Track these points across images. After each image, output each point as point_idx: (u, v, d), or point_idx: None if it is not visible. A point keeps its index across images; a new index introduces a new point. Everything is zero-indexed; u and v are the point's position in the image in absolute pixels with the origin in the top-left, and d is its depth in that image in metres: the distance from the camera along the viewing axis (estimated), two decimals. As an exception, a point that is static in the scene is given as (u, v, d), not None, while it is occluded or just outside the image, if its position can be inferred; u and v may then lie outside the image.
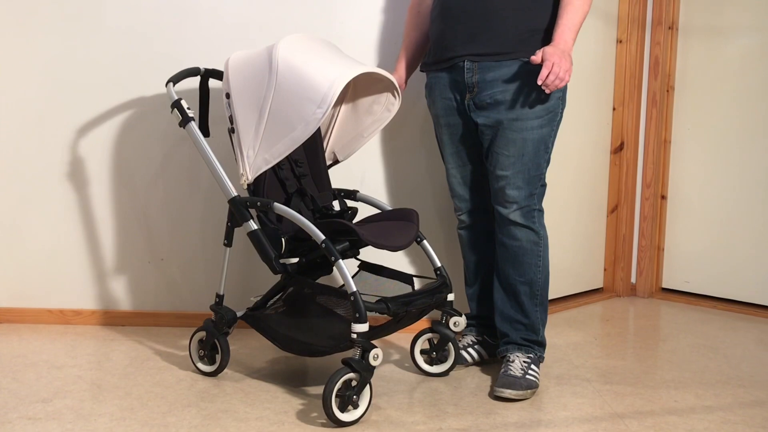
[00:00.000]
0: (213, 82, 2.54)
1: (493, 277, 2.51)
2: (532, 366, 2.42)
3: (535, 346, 2.47)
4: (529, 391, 2.35)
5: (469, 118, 2.42)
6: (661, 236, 3.59)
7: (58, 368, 2.53)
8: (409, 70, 2.64)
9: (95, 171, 2.92)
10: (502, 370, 2.41)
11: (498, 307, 2.49)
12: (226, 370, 2.50)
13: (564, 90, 2.38)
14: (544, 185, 2.43)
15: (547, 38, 2.33)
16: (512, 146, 2.35)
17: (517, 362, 2.42)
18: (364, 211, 2.56)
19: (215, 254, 2.94)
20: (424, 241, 2.49)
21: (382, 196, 2.94)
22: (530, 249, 2.42)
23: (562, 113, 2.40)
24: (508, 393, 2.33)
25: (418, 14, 2.60)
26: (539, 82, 2.20)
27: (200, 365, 2.50)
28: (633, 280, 3.64)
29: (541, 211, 2.43)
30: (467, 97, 2.40)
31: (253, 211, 2.33)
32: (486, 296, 2.60)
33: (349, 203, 2.59)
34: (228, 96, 2.31)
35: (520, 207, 2.39)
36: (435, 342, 2.54)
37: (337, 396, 2.09)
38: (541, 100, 2.33)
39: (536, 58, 2.20)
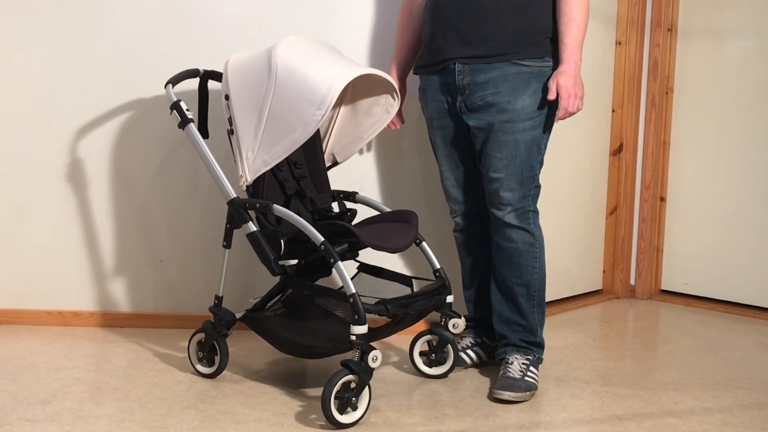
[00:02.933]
0: (212, 84, 2.54)
1: (490, 279, 2.51)
2: (531, 368, 2.42)
3: (534, 347, 2.47)
4: (528, 392, 2.35)
5: (461, 120, 2.42)
6: (660, 238, 3.59)
7: (56, 370, 2.53)
8: (404, 72, 2.64)
9: (94, 172, 2.92)
10: (501, 372, 2.41)
11: (495, 309, 2.49)
12: (225, 372, 2.50)
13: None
14: (538, 186, 2.43)
15: (539, 39, 2.33)
16: (504, 148, 2.35)
17: (515, 364, 2.42)
18: (364, 213, 2.56)
19: (214, 256, 2.94)
20: (423, 243, 2.49)
21: (381, 198, 2.94)
22: (526, 251, 2.42)
23: (554, 114, 2.41)
24: (507, 395, 2.33)
25: (410, 14, 2.59)
26: (556, 121, 2.31)
27: (199, 367, 2.50)
28: (632, 281, 3.64)
29: (535, 212, 2.43)
30: (459, 99, 2.40)
31: (252, 213, 2.33)
32: (483, 298, 2.59)
33: (349, 205, 2.59)
34: (227, 97, 2.31)
35: (514, 209, 2.39)
36: (434, 344, 2.54)
37: (336, 398, 2.09)
38: (533, 102, 2.33)
39: (552, 95, 2.28)
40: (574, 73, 2.28)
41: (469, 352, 2.60)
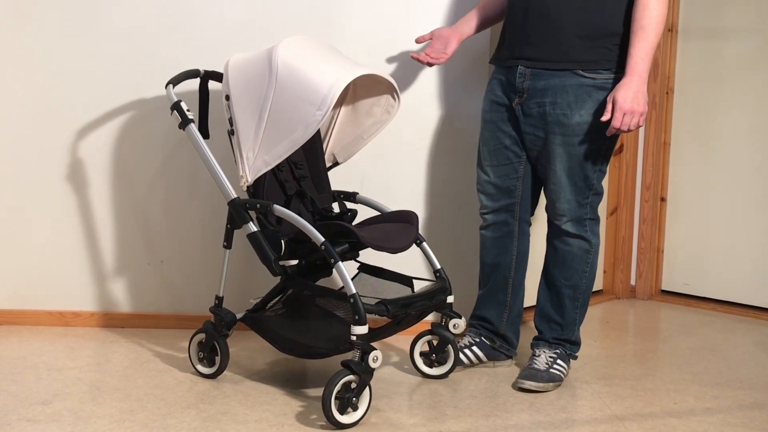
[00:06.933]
0: (213, 84, 2.53)
1: (526, 275, 2.57)
2: (559, 360, 2.45)
3: (567, 344, 2.50)
4: (551, 384, 2.38)
5: (515, 121, 2.42)
6: (660, 238, 3.59)
7: (57, 370, 2.53)
8: (479, 25, 2.57)
9: (95, 172, 2.92)
10: (527, 363, 2.46)
11: (539, 303, 2.52)
12: (225, 372, 2.50)
13: None
14: (597, 194, 2.42)
15: (606, 46, 2.27)
16: (558, 161, 2.35)
17: (542, 357, 2.45)
18: (364, 213, 2.56)
19: (215, 256, 2.93)
20: (424, 243, 2.49)
21: (381, 199, 2.93)
22: (580, 256, 2.44)
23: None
24: (528, 384, 2.37)
25: None
26: (608, 134, 2.23)
27: (200, 367, 2.50)
28: (633, 282, 3.64)
29: (593, 219, 2.43)
30: (516, 101, 2.38)
31: (252, 213, 2.33)
32: (492, 301, 2.59)
33: (349, 205, 2.59)
34: (228, 98, 2.31)
35: (569, 219, 2.40)
36: (434, 344, 2.54)
37: (336, 398, 2.09)
38: (592, 117, 2.28)
39: (606, 115, 2.19)
40: (636, 88, 2.19)
41: (467, 351, 2.59)
